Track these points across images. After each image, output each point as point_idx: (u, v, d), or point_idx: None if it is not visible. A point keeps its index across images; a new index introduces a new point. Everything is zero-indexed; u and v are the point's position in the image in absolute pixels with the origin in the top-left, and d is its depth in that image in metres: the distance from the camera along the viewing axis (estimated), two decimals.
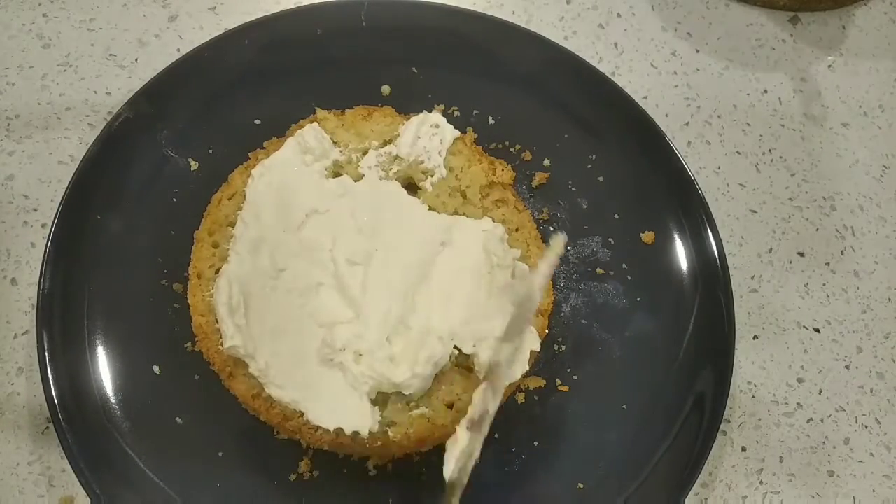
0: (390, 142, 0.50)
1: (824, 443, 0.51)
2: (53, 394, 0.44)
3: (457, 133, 0.51)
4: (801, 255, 0.57)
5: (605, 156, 0.54)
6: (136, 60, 0.59)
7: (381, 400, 0.43)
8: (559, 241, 0.37)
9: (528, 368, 0.43)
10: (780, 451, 0.50)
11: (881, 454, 0.51)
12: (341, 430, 0.42)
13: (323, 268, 0.45)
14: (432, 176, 0.49)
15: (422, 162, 0.49)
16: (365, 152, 0.50)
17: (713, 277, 0.50)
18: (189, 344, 0.47)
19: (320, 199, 0.47)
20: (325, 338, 0.43)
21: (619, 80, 0.58)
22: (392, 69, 0.55)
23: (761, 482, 0.49)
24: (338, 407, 0.42)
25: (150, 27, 0.60)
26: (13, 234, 0.52)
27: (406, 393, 0.42)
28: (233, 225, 0.47)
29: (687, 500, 0.44)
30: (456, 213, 0.48)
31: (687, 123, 0.61)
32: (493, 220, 0.48)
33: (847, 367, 0.53)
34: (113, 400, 0.45)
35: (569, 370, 0.48)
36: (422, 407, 0.43)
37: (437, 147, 0.50)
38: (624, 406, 0.47)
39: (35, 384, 0.47)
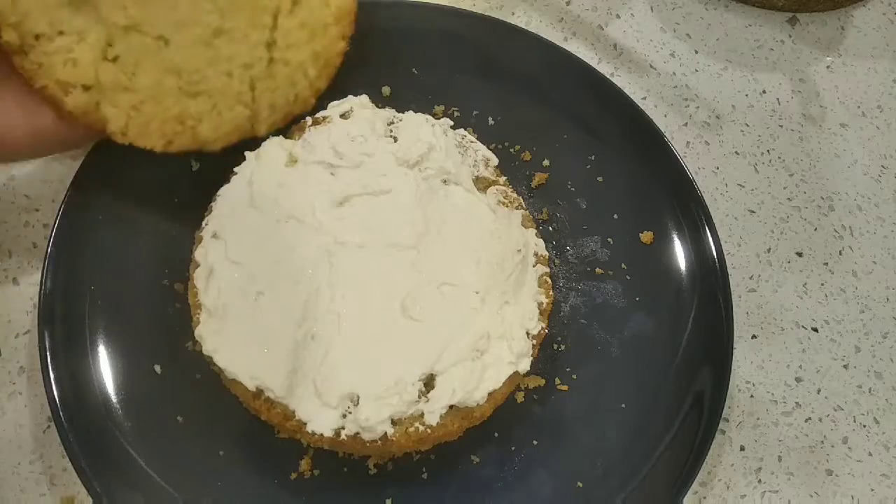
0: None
1: (822, 442, 0.51)
2: (55, 393, 0.44)
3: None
4: (800, 254, 0.57)
5: (604, 156, 0.55)
6: None
7: None
8: None
9: None
10: (778, 450, 0.50)
11: (880, 453, 0.51)
12: (341, 429, 0.42)
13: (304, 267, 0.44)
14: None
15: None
16: None
17: (712, 277, 0.50)
18: (190, 343, 0.47)
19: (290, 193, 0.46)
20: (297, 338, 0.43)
21: (619, 81, 0.59)
22: (392, 70, 0.55)
23: (760, 481, 0.49)
24: None
25: None
26: (14, 234, 0.52)
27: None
28: None
29: (686, 498, 0.45)
30: None
31: (686, 124, 0.61)
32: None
33: (845, 367, 0.53)
34: (114, 399, 0.45)
35: (568, 369, 0.49)
36: None
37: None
38: (623, 405, 0.48)
39: (36, 383, 0.47)
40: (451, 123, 0.51)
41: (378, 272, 0.44)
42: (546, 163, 0.55)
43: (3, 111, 0.40)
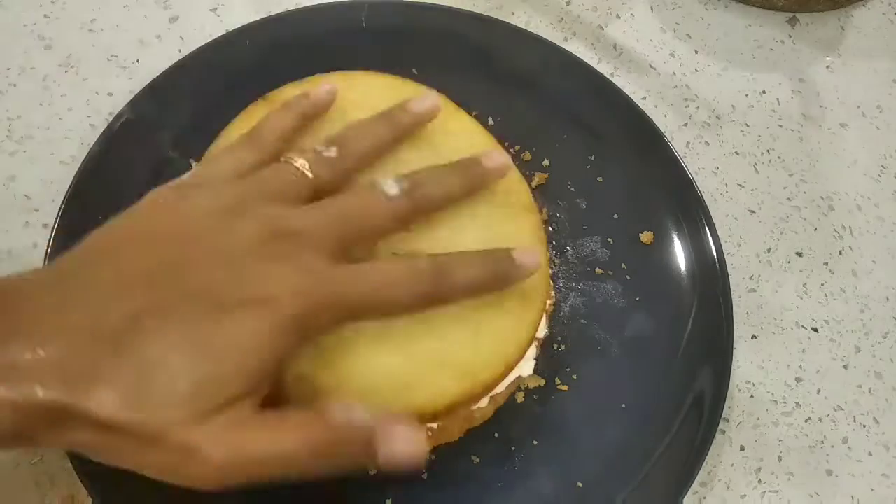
0: None
1: (822, 442, 0.51)
2: None
3: None
4: (800, 254, 0.57)
5: (604, 156, 0.55)
6: (138, 61, 0.59)
7: None
8: None
9: None
10: (778, 450, 0.50)
11: (880, 453, 0.51)
12: None
13: None
14: None
15: None
16: None
17: (711, 277, 0.50)
18: None
19: None
20: None
21: (618, 81, 0.59)
22: (392, 70, 0.55)
23: (760, 481, 0.49)
24: None
25: (151, 28, 0.60)
26: (15, 234, 0.52)
27: None
28: None
29: (686, 498, 0.45)
30: None
31: (685, 124, 0.61)
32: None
33: (845, 367, 0.53)
34: None
35: (568, 369, 0.49)
36: None
37: None
38: (623, 405, 0.48)
39: None
40: None
41: None
42: (546, 163, 0.55)
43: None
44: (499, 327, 0.42)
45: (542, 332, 0.46)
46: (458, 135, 0.48)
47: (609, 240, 0.53)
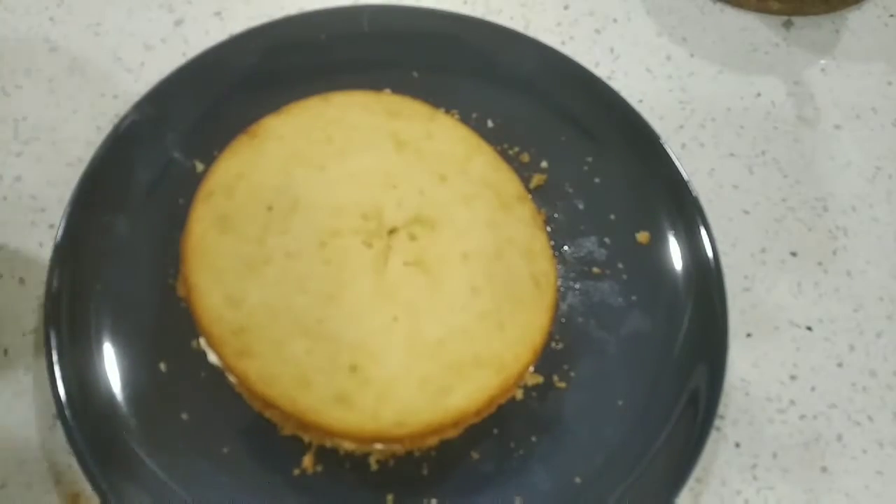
0: None
1: (817, 439, 0.51)
2: (60, 391, 0.45)
3: None
4: (794, 254, 0.57)
5: (601, 158, 0.56)
6: (143, 64, 0.60)
7: None
8: None
9: None
10: (773, 447, 0.51)
11: (874, 450, 0.51)
12: None
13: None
14: None
15: None
16: None
17: (707, 277, 0.51)
18: (195, 342, 0.48)
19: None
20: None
21: (615, 84, 0.59)
22: (393, 73, 0.56)
23: (755, 477, 0.50)
24: None
25: (156, 32, 0.61)
26: (21, 233, 0.53)
27: None
28: None
29: (682, 494, 0.45)
30: None
31: (681, 126, 0.61)
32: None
33: (839, 365, 0.54)
34: (119, 397, 0.46)
35: (566, 367, 0.49)
36: None
37: None
38: (620, 402, 0.48)
39: (42, 381, 0.48)
40: None
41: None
42: (544, 164, 0.56)
43: None
44: (520, 317, 0.44)
45: None
46: (440, 137, 0.49)
47: (606, 240, 0.53)
